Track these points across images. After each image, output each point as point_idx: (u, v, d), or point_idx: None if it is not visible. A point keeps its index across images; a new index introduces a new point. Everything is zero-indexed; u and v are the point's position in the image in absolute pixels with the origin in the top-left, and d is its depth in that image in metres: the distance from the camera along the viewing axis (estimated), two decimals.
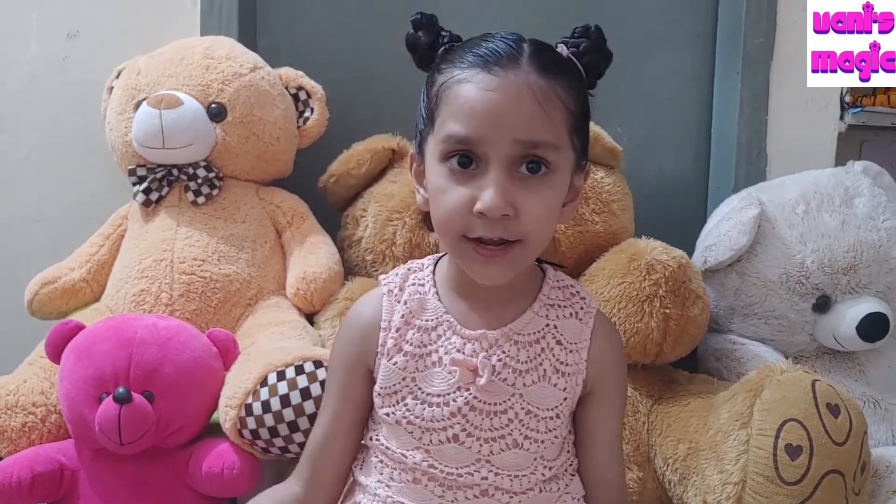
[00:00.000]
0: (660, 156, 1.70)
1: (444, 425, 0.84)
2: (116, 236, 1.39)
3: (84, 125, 1.55)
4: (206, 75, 1.36)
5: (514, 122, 0.76)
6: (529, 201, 0.77)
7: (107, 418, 1.01)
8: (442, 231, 0.81)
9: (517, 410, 0.84)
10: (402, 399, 0.86)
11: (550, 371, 0.86)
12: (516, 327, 0.85)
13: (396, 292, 0.89)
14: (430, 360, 0.86)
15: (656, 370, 1.29)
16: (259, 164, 1.41)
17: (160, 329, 1.10)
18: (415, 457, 0.86)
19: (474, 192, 0.77)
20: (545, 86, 0.77)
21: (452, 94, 0.79)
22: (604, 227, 1.36)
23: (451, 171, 0.78)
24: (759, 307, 1.36)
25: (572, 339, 0.87)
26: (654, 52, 1.67)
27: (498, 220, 0.76)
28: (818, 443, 0.97)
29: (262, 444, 1.06)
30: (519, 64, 0.77)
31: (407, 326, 0.87)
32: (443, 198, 0.79)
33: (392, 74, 1.47)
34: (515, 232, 0.78)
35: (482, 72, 0.77)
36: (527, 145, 0.77)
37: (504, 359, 0.84)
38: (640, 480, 1.18)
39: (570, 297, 0.89)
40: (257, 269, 1.34)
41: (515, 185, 0.77)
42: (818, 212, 1.34)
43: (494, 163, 0.76)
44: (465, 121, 0.77)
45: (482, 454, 0.84)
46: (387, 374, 0.87)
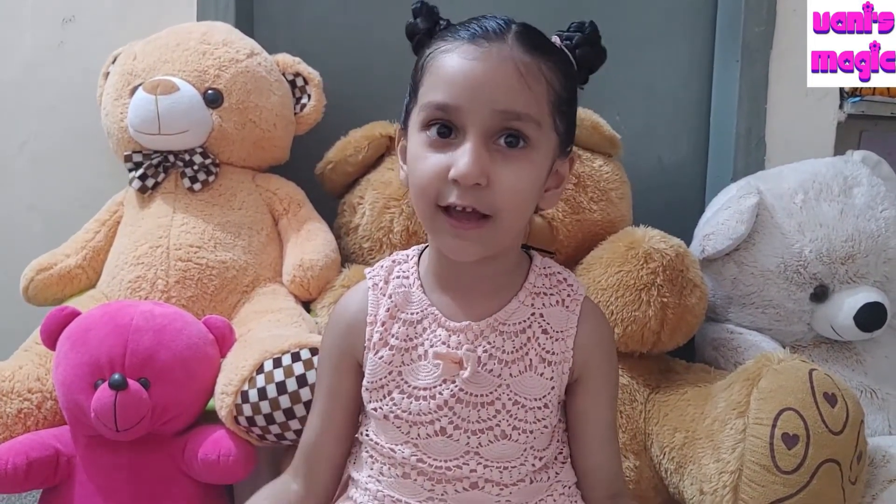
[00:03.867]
0: (658, 145, 1.70)
1: (431, 418, 0.84)
2: (112, 223, 1.39)
3: (80, 112, 1.54)
4: (202, 61, 1.35)
5: (494, 91, 0.76)
6: (504, 173, 0.76)
7: (102, 405, 1.01)
8: (416, 199, 0.81)
9: (504, 401, 0.84)
10: (389, 393, 0.86)
11: (537, 360, 0.85)
12: (501, 317, 0.85)
13: (381, 285, 0.89)
14: (416, 353, 0.86)
15: (653, 359, 1.29)
16: (256, 151, 1.40)
17: (156, 316, 1.10)
18: (403, 451, 0.85)
19: (450, 160, 0.76)
20: (529, 61, 0.77)
21: (436, 64, 0.79)
22: (602, 215, 1.35)
23: (430, 139, 0.78)
24: (756, 296, 1.36)
25: (558, 327, 0.86)
26: (653, 41, 1.66)
27: (470, 189, 0.76)
28: (815, 432, 0.97)
29: (258, 432, 1.06)
30: (504, 39, 0.77)
31: (392, 320, 0.87)
32: (419, 164, 0.79)
33: (390, 61, 1.46)
34: (488, 204, 0.77)
35: (467, 43, 0.77)
36: (506, 116, 0.76)
37: (490, 350, 0.84)
38: (636, 469, 1.18)
39: (557, 284, 0.89)
40: (254, 256, 1.34)
41: (493, 156, 0.76)
42: (817, 201, 1.34)
43: (472, 132, 0.76)
44: (446, 88, 0.77)
45: (470, 446, 0.84)
46: (373, 369, 0.87)
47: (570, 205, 1.33)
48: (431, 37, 0.83)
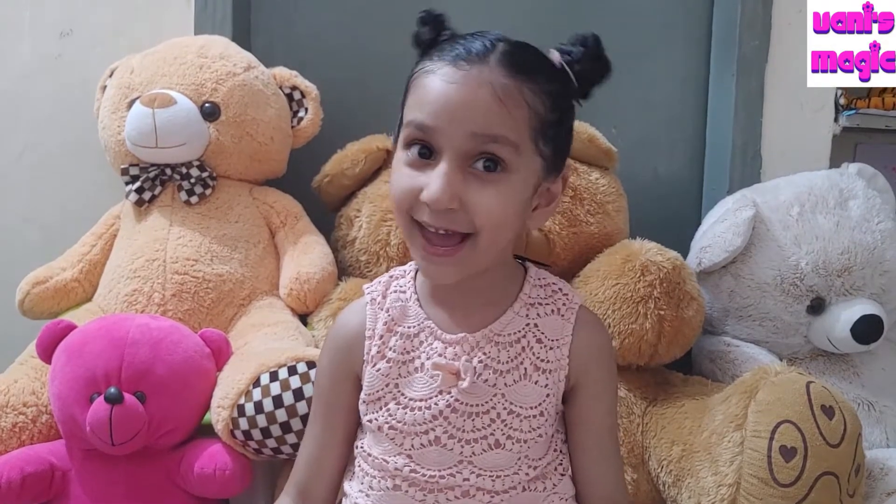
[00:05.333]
0: (654, 158, 1.70)
1: (425, 428, 0.84)
2: (109, 236, 1.38)
3: (77, 125, 1.54)
4: (199, 74, 1.35)
5: (470, 114, 0.76)
6: (480, 195, 0.77)
7: (98, 419, 1.01)
8: (395, 211, 0.82)
9: (499, 410, 0.84)
10: (385, 405, 0.86)
11: (531, 369, 0.85)
12: (496, 328, 0.85)
13: (379, 300, 0.89)
14: (413, 365, 0.86)
15: (650, 372, 1.29)
16: (253, 164, 1.40)
17: (152, 329, 1.10)
18: (396, 462, 0.85)
19: (425, 181, 0.77)
20: (509, 84, 0.76)
21: (419, 84, 0.79)
22: (598, 228, 1.35)
23: (410, 158, 0.79)
24: (753, 309, 1.36)
25: (553, 335, 0.86)
26: (650, 54, 1.66)
27: (443, 213, 0.77)
28: (813, 444, 0.97)
29: (255, 445, 1.05)
30: (486, 61, 0.77)
31: (389, 333, 0.87)
32: (396, 178, 0.80)
33: (387, 75, 1.44)
34: (465, 224, 0.77)
35: (448, 66, 0.77)
36: (482, 139, 0.76)
37: (485, 360, 0.84)
38: (634, 482, 1.17)
39: (553, 294, 0.89)
40: (250, 269, 1.34)
41: (468, 179, 0.77)
42: (813, 214, 1.34)
43: (447, 155, 0.76)
44: (424, 109, 0.77)
45: (464, 455, 0.84)
46: (371, 381, 0.87)
47: (566, 217, 1.33)
48: (432, 47, 0.83)
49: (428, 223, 0.78)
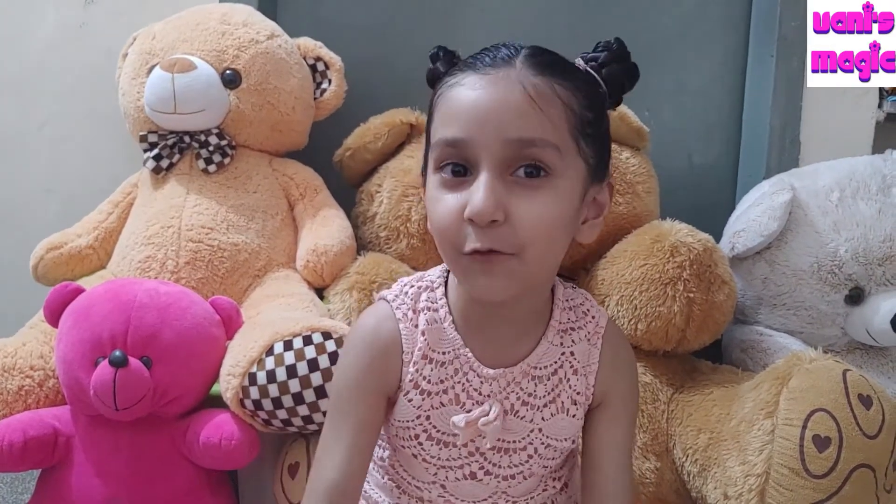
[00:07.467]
0: (688, 142, 1.65)
1: (461, 464, 0.81)
2: (126, 204, 1.37)
3: (99, 95, 1.53)
4: (221, 41, 1.33)
5: (503, 119, 0.69)
6: (524, 206, 0.69)
7: (102, 382, 0.98)
8: (439, 245, 0.75)
9: (536, 445, 0.82)
10: (416, 437, 0.81)
11: (568, 402, 0.82)
12: (532, 361, 0.80)
13: (411, 315, 0.81)
14: (447, 397, 0.80)
15: (678, 358, 1.25)
16: (273, 134, 1.38)
17: (161, 294, 1.07)
18: (430, 492, 0.84)
19: (466, 198, 0.70)
20: (539, 82, 0.70)
21: (444, 99, 0.73)
22: (627, 208, 1.31)
23: (445, 179, 0.72)
24: (788, 297, 1.31)
25: (584, 362, 0.82)
26: (685, 34, 1.61)
27: (489, 229, 0.69)
28: (848, 435, 0.93)
29: (264, 416, 1.02)
30: (512, 64, 0.71)
31: (424, 360, 0.80)
32: (435, 207, 0.72)
33: (412, 51, 1.41)
34: (510, 243, 0.69)
35: (473, 74, 0.72)
36: (519, 144, 0.69)
37: (522, 396, 0.80)
38: (657, 471, 1.13)
39: (583, 316, 0.84)
40: (267, 240, 1.31)
41: (511, 189, 0.69)
42: (853, 199, 1.29)
43: (485, 165, 0.69)
44: (453, 122, 0.71)
45: (500, 488, 0.83)
46: (402, 411, 0.81)
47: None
48: None
49: (476, 248, 0.70)
